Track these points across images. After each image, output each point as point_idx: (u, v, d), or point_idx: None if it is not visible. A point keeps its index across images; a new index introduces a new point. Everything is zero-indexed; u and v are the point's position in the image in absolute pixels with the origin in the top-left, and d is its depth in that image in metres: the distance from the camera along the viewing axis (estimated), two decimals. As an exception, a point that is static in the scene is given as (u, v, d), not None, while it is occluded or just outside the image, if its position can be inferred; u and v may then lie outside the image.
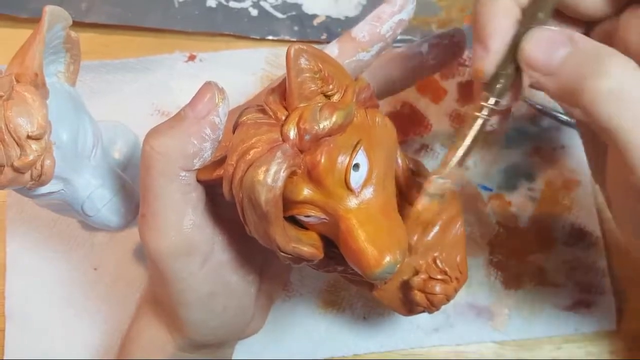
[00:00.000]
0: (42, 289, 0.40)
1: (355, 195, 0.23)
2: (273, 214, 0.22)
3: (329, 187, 0.23)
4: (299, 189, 0.23)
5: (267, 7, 0.44)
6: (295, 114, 0.23)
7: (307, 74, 0.23)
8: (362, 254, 0.22)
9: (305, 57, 0.22)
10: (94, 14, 0.43)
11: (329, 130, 0.22)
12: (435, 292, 0.29)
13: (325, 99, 0.23)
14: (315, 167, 0.23)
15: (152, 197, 0.25)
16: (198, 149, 0.25)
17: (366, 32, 0.27)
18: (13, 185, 0.28)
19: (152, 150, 0.24)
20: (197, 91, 0.25)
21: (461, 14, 0.43)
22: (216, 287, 0.28)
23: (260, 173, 0.22)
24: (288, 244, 0.24)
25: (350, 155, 0.23)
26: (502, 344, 0.39)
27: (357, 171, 0.23)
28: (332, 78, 0.23)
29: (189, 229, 0.26)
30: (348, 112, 0.23)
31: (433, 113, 0.42)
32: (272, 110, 0.24)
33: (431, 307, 0.30)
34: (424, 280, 0.30)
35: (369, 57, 0.28)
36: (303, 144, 0.22)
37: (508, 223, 0.40)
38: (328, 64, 0.23)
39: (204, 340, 0.31)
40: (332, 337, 0.39)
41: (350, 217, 0.23)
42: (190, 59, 0.43)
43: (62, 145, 0.29)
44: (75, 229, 0.40)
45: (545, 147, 0.41)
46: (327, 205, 0.23)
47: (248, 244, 0.29)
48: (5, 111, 0.26)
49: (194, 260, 0.27)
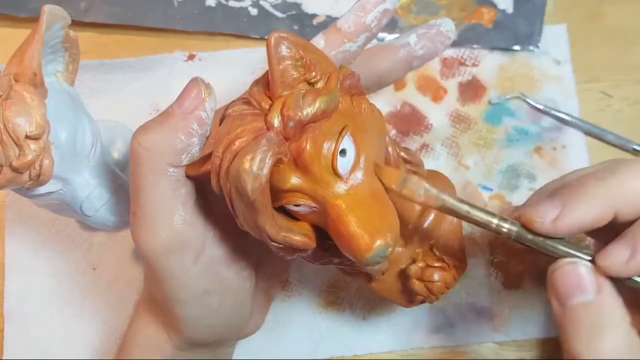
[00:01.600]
0: (40, 289, 0.40)
1: (344, 181, 0.23)
2: (260, 202, 0.22)
3: (316, 173, 0.23)
4: (287, 177, 0.23)
5: (266, 6, 0.44)
6: (279, 102, 0.23)
7: (288, 62, 0.23)
8: (352, 239, 0.22)
9: (286, 44, 0.23)
10: (93, 13, 0.43)
11: (312, 116, 0.23)
12: (434, 280, 0.29)
13: (308, 86, 0.24)
14: (301, 154, 0.23)
15: (141, 194, 0.25)
16: (186, 145, 0.25)
17: (351, 22, 0.28)
18: (12, 185, 0.28)
19: (140, 147, 0.25)
20: (184, 87, 0.25)
21: (461, 14, 0.43)
22: (211, 284, 0.28)
23: (246, 162, 0.22)
24: (278, 233, 0.24)
25: (336, 141, 0.23)
26: (502, 344, 0.39)
27: (344, 157, 0.23)
28: (314, 65, 0.24)
29: (180, 225, 0.26)
30: (331, 97, 0.23)
31: (433, 113, 0.42)
32: (256, 100, 0.24)
33: (430, 296, 0.30)
34: (421, 269, 0.29)
35: (355, 48, 0.28)
36: (287, 131, 0.22)
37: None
38: (310, 51, 0.24)
39: (201, 338, 0.31)
40: (332, 337, 0.39)
41: (340, 202, 0.23)
42: (189, 59, 0.43)
43: (61, 145, 0.29)
44: (74, 229, 0.40)
45: (546, 147, 0.41)
46: (315, 192, 0.23)
47: (242, 240, 0.29)
48: (4, 111, 0.26)
49: (186, 256, 0.27)
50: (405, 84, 0.42)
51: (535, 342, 0.39)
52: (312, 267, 0.39)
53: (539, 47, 0.42)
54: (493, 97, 0.42)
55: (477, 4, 0.43)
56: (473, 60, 0.43)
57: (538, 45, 0.42)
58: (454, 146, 0.41)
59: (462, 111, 0.42)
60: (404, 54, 0.31)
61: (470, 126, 0.42)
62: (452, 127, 0.42)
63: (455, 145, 0.41)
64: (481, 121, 0.42)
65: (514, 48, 0.42)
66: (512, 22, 0.43)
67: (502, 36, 0.42)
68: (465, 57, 0.43)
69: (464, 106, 0.42)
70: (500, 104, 0.42)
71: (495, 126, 0.42)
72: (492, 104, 0.42)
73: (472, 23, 0.43)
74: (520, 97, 0.42)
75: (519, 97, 0.42)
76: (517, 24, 0.43)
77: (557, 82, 0.42)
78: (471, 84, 0.42)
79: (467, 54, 0.43)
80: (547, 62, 0.42)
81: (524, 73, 0.42)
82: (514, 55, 0.43)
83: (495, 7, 0.43)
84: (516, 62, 0.43)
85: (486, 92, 0.42)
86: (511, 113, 0.42)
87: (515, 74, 0.42)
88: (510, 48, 0.42)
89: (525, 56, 0.43)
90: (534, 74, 0.42)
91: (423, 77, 0.42)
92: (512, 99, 0.42)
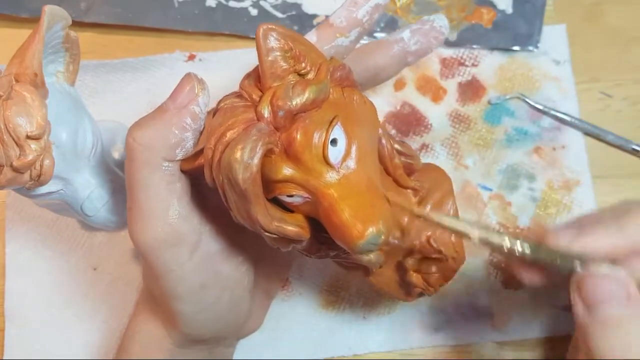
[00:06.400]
0: (41, 289, 0.40)
1: (336, 170, 0.23)
2: (252, 192, 0.22)
3: (307, 163, 0.23)
4: (278, 168, 0.23)
5: (267, 6, 0.44)
6: (269, 93, 0.23)
7: (277, 53, 0.23)
8: (345, 227, 0.22)
9: (275, 35, 0.23)
10: (94, 13, 0.43)
11: (302, 106, 0.23)
12: (431, 272, 0.29)
13: (298, 77, 0.24)
14: (291, 144, 0.23)
15: (136, 188, 0.26)
16: (180, 139, 0.25)
17: (343, 17, 0.28)
18: (12, 185, 0.28)
19: (134, 142, 0.25)
20: (178, 83, 0.25)
21: (461, 14, 0.43)
22: (207, 278, 0.29)
23: (237, 151, 0.22)
24: (271, 222, 0.24)
25: (327, 130, 0.23)
26: (502, 344, 0.39)
27: (335, 146, 0.23)
28: (303, 56, 0.24)
29: (175, 220, 0.26)
30: (321, 87, 0.23)
31: (433, 113, 0.42)
32: (247, 93, 0.24)
33: (429, 288, 0.30)
34: (418, 261, 0.29)
35: (347, 43, 0.28)
36: (278, 120, 0.23)
37: (508, 223, 0.40)
38: (299, 42, 0.24)
39: (199, 334, 0.31)
40: (332, 337, 0.39)
41: (331, 192, 0.23)
42: (190, 59, 0.43)
43: (62, 145, 0.29)
44: (75, 229, 0.40)
45: (545, 147, 0.41)
46: (307, 182, 0.23)
47: (238, 235, 0.29)
48: (5, 111, 0.26)
49: (182, 251, 0.27)
50: (405, 84, 0.42)
51: (535, 342, 0.39)
52: (312, 267, 0.39)
53: (539, 48, 0.42)
54: (493, 97, 0.42)
55: (476, 4, 0.43)
56: (473, 60, 0.43)
57: (537, 45, 0.42)
58: (454, 146, 0.41)
59: (461, 111, 0.42)
60: (398, 50, 0.32)
61: (469, 126, 0.42)
62: (451, 127, 0.42)
63: (455, 145, 0.41)
64: (481, 121, 0.42)
65: (514, 48, 0.42)
66: (511, 23, 0.43)
67: (502, 36, 0.43)
68: (464, 58, 0.43)
69: (464, 106, 0.42)
70: (500, 104, 0.42)
71: (494, 126, 0.42)
72: (491, 104, 0.42)
73: (472, 23, 0.43)
74: (520, 97, 0.42)
75: (519, 97, 0.42)
76: (516, 24, 0.43)
77: (557, 82, 0.42)
78: (471, 84, 0.42)
79: (466, 54, 0.43)
80: (546, 62, 0.42)
81: (523, 73, 0.42)
82: (514, 55, 0.43)
83: (495, 8, 0.43)
84: (516, 62, 0.43)
85: (486, 92, 0.42)
86: (511, 113, 0.42)
87: (514, 74, 0.42)
88: (509, 48, 0.42)
89: (524, 56, 0.43)
90: (533, 74, 0.42)
91: (423, 77, 0.42)
92: (512, 99, 0.42)
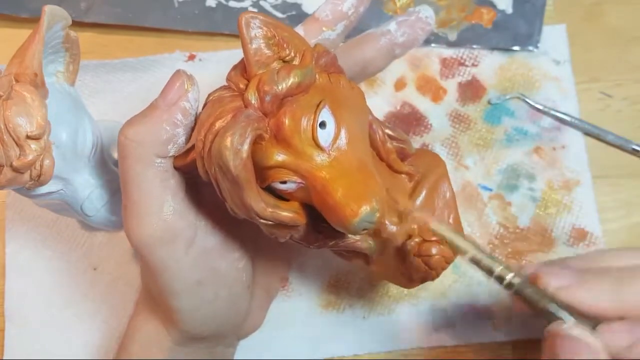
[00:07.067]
0: (41, 289, 0.40)
1: (326, 153, 0.24)
2: (244, 178, 0.23)
3: (297, 147, 0.23)
4: (270, 154, 0.23)
5: (266, 6, 0.44)
6: (255, 80, 0.23)
7: (261, 40, 0.23)
8: (338, 207, 0.22)
9: (257, 23, 0.23)
10: (94, 13, 0.43)
11: (288, 90, 0.23)
12: (432, 254, 0.29)
13: (283, 64, 0.24)
14: (280, 128, 0.23)
15: (130, 185, 0.26)
16: (171, 135, 0.25)
17: (329, 11, 0.28)
18: (12, 185, 0.28)
19: (127, 140, 0.25)
20: (168, 80, 0.26)
21: (461, 14, 0.43)
22: (204, 274, 0.29)
23: (226, 138, 0.22)
24: (265, 209, 0.24)
25: (314, 113, 0.23)
26: (502, 344, 0.39)
27: (324, 129, 0.23)
28: (287, 43, 0.24)
29: (170, 216, 0.26)
30: (306, 72, 0.23)
31: (433, 113, 0.42)
32: (234, 83, 0.24)
33: (430, 272, 0.29)
34: (418, 244, 0.29)
35: (334, 36, 0.29)
36: (265, 106, 0.23)
37: (508, 223, 0.40)
38: (281, 29, 0.24)
39: (197, 331, 0.31)
40: (332, 337, 0.39)
41: (324, 174, 0.23)
42: (190, 59, 0.43)
43: (62, 145, 0.29)
44: (75, 229, 0.40)
45: (545, 147, 0.41)
46: (299, 166, 0.23)
47: (235, 230, 0.29)
48: (5, 111, 0.26)
49: (178, 247, 0.27)
50: (406, 84, 0.42)
51: (535, 342, 0.39)
52: (312, 267, 0.39)
53: (539, 48, 0.42)
54: (493, 97, 0.42)
55: (476, 4, 0.43)
56: (473, 60, 0.43)
57: (537, 45, 0.42)
58: (454, 146, 0.41)
59: (461, 111, 0.42)
60: (385, 42, 0.32)
61: (469, 126, 0.42)
62: (451, 127, 0.42)
63: (455, 145, 0.41)
64: (481, 121, 0.42)
65: (514, 48, 0.42)
66: (511, 23, 0.43)
67: (502, 36, 0.43)
68: (464, 58, 0.43)
69: (464, 106, 0.42)
70: (500, 104, 0.42)
71: (494, 126, 0.42)
72: (491, 104, 0.42)
73: (472, 23, 0.43)
74: (520, 97, 0.42)
75: (519, 97, 0.42)
76: (516, 25, 0.43)
77: (557, 82, 0.42)
78: (471, 84, 0.42)
79: (466, 54, 0.43)
80: (546, 62, 0.42)
81: (523, 73, 0.42)
82: (514, 55, 0.43)
83: (495, 8, 0.43)
84: (516, 62, 0.43)
85: (486, 92, 0.42)
86: (511, 113, 0.42)
87: (514, 74, 0.42)
88: (509, 48, 0.42)
89: (524, 56, 0.43)
90: (533, 74, 0.42)
91: (423, 77, 0.42)
92: (512, 99, 0.42)
